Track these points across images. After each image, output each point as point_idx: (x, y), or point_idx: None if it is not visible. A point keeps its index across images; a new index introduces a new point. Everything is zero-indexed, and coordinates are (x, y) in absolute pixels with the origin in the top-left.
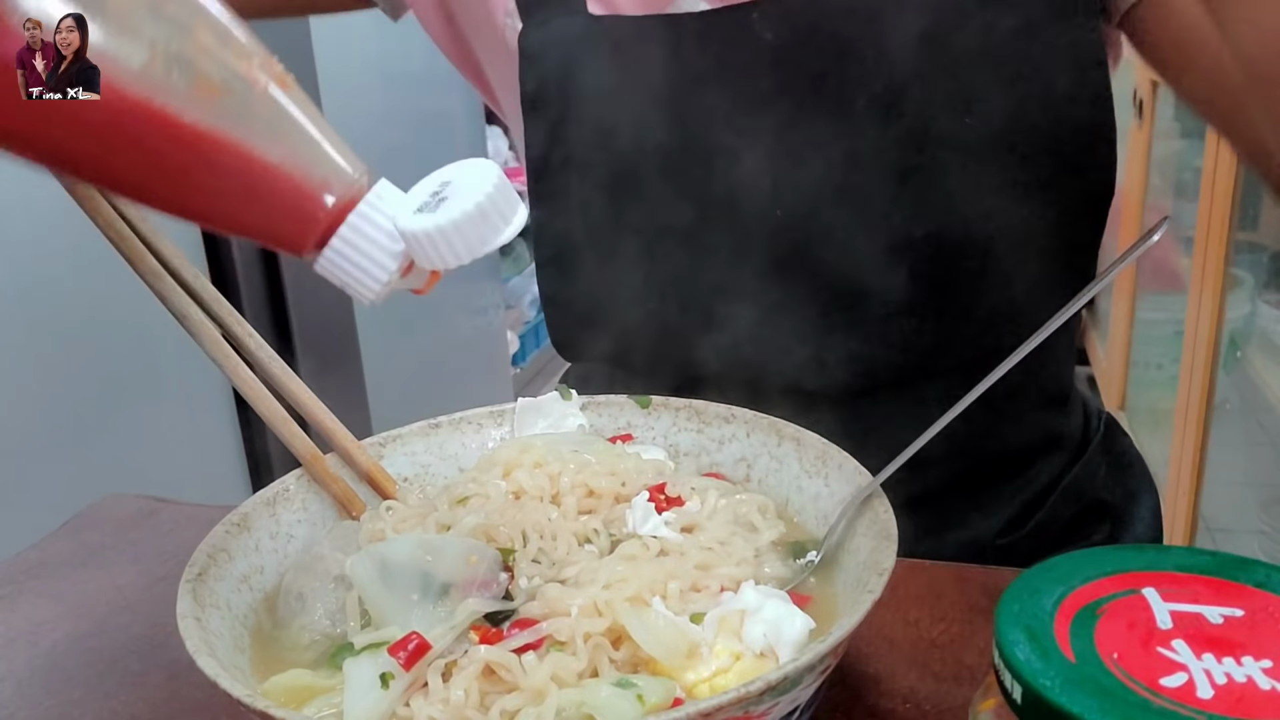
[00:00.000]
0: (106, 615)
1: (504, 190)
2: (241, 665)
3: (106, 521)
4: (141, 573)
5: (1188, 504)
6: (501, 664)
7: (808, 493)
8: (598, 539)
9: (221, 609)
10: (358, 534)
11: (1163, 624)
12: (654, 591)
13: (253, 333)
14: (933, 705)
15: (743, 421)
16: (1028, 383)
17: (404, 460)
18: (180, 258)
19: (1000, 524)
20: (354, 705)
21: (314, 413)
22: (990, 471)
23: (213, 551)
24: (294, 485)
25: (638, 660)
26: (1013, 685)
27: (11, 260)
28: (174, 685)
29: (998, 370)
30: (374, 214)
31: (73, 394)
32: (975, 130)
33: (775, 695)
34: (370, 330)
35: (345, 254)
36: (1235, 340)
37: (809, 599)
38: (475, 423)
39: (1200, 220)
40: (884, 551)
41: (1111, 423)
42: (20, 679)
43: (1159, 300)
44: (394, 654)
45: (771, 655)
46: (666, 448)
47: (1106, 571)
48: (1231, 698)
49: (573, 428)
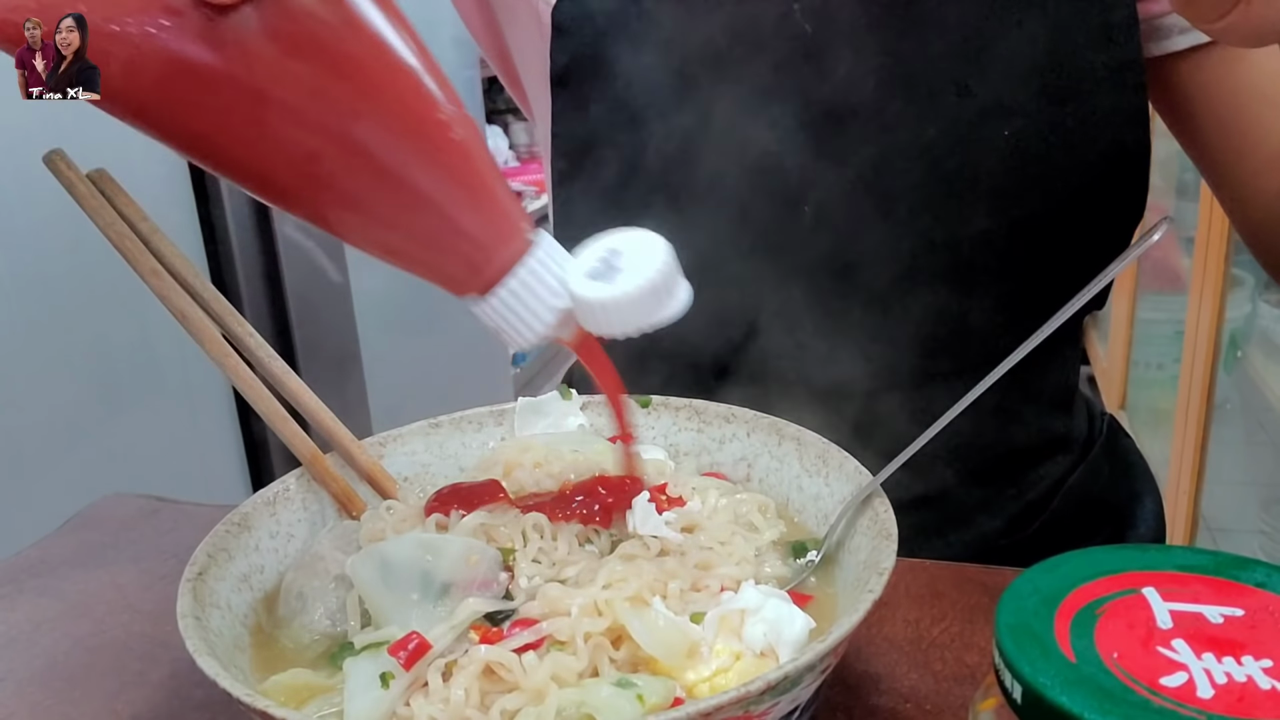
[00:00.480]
0: (107, 614)
1: (674, 266)
2: (242, 665)
3: (107, 521)
4: (142, 572)
5: (1188, 504)
6: (501, 664)
7: (808, 492)
8: (598, 539)
9: (222, 608)
10: (358, 533)
11: (1163, 623)
12: (654, 591)
13: (253, 332)
14: (933, 705)
15: (743, 421)
16: (1034, 385)
17: (404, 460)
18: (180, 257)
19: (1004, 525)
20: (354, 705)
21: (314, 412)
22: (995, 472)
23: (213, 551)
24: (294, 485)
25: (638, 660)
26: (1013, 685)
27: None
28: (174, 684)
29: (997, 371)
30: (542, 271)
31: (73, 394)
32: (1011, 142)
33: (775, 695)
34: (370, 330)
35: (509, 304)
36: (1236, 340)
37: (809, 598)
38: (475, 422)
39: (1201, 220)
40: (884, 551)
41: (1114, 424)
42: (20, 678)
43: (1159, 300)
44: (394, 654)
45: (772, 655)
46: (667, 447)
47: (1106, 571)
48: (1231, 697)
49: (573, 428)
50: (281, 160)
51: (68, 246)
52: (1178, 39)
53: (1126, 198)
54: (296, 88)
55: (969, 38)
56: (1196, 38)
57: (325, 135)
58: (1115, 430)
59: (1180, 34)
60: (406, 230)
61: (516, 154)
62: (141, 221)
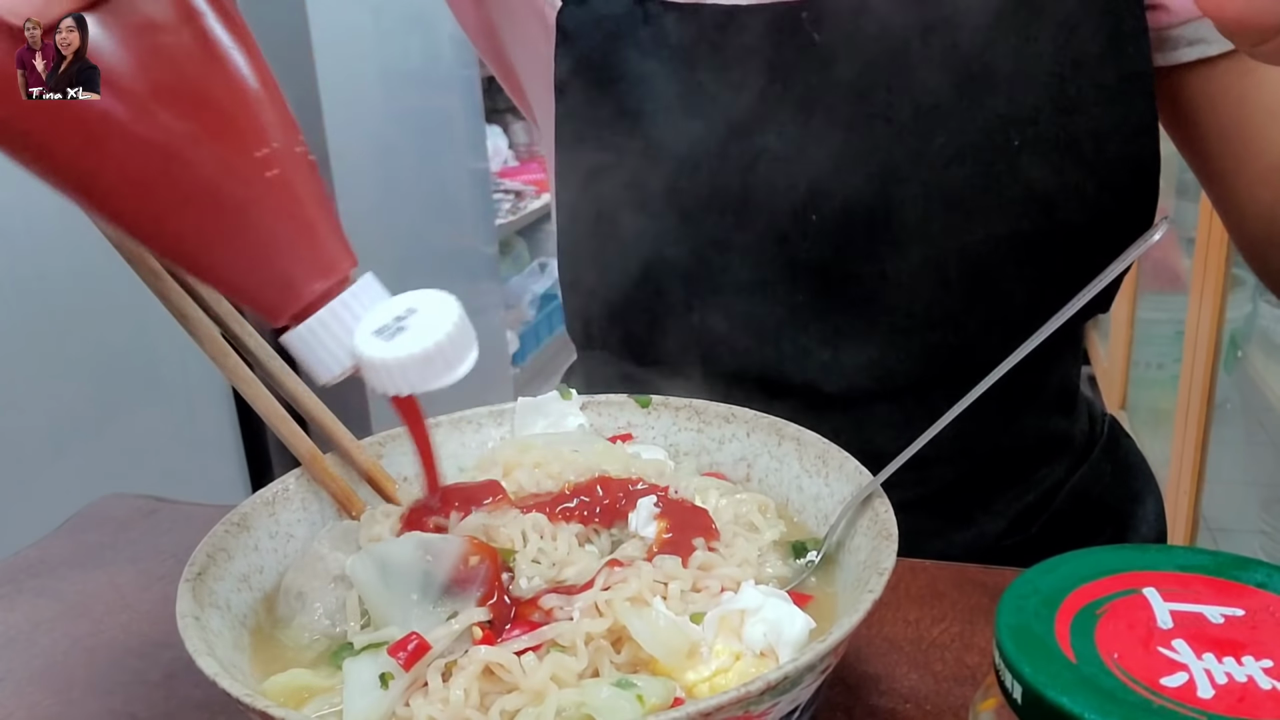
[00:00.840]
0: (106, 615)
1: (462, 332)
2: (241, 665)
3: (106, 521)
4: (141, 572)
5: (1188, 504)
6: (501, 664)
7: (808, 492)
8: (598, 539)
9: (221, 608)
10: (357, 533)
11: (1163, 624)
12: (654, 591)
13: (252, 332)
14: (933, 705)
15: (743, 421)
16: (1035, 386)
17: (404, 459)
18: None
19: (1005, 525)
20: (354, 705)
21: (313, 412)
22: (996, 473)
23: (212, 551)
24: (294, 485)
25: (638, 661)
26: (1013, 685)
27: (12, 260)
28: (173, 685)
29: (996, 371)
30: (345, 314)
31: (73, 394)
32: (1021, 152)
33: (775, 695)
34: None
35: (310, 340)
36: (1236, 340)
37: (809, 598)
38: (475, 422)
39: (1201, 220)
40: (884, 551)
41: (1115, 425)
42: (19, 678)
43: (1160, 300)
44: (394, 654)
45: (772, 655)
46: (666, 447)
47: (1107, 571)
48: (1232, 697)
49: (573, 427)
50: (101, 170)
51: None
52: (1185, 50)
53: (1136, 207)
54: (115, 111)
55: (980, 48)
56: (1204, 50)
57: (137, 163)
58: (1116, 431)
59: (1188, 45)
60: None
61: (516, 154)
62: None
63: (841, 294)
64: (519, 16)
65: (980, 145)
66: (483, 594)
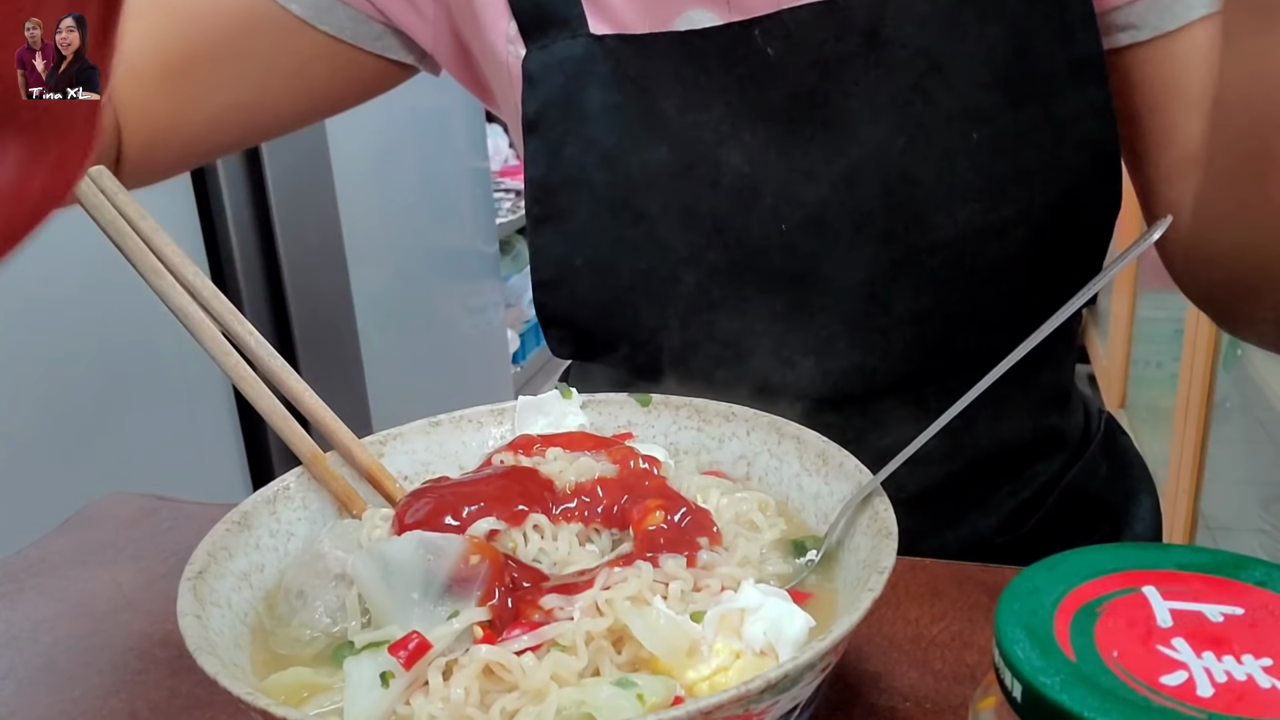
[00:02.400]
0: (107, 613)
1: None
2: (242, 663)
3: (107, 520)
4: (142, 571)
5: (1188, 502)
6: (501, 664)
7: (808, 491)
8: (598, 539)
9: (222, 607)
10: (358, 532)
11: (1163, 622)
12: (655, 591)
13: (253, 331)
14: (933, 704)
15: (743, 420)
16: (1028, 382)
17: (404, 458)
18: (180, 255)
19: (1000, 523)
20: (354, 704)
21: (314, 410)
22: (991, 470)
23: (213, 549)
24: (294, 483)
25: (638, 660)
26: (1013, 684)
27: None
28: (174, 683)
29: (996, 371)
30: None
31: (73, 393)
32: (981, 145)
33: (775, 693)
34: (370, 328)
35: None
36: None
37: (809, 597)
38: (475, 421)
39: None
40: (884, 550)
41: (1111, 422)
42: (20, 677)
43: (1159, 298)
44: (394, 653)
45: (772, 653)
46: (667, 446)
47: (1107, 570)
48: (1231, 696)
49: (573, 427)
50: None
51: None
52: (1118, 35)
53: (1101, 192)
54: None
55: (931, 44)
56: (1135, 35)
57: None
58: (1112, 428)
59: (1120, 31)
60: None
61: (516, 153)
62: (141, 220)
63: (819, 303)
64: (490, 67)
65: (940, 143)
66: (483, 593)
